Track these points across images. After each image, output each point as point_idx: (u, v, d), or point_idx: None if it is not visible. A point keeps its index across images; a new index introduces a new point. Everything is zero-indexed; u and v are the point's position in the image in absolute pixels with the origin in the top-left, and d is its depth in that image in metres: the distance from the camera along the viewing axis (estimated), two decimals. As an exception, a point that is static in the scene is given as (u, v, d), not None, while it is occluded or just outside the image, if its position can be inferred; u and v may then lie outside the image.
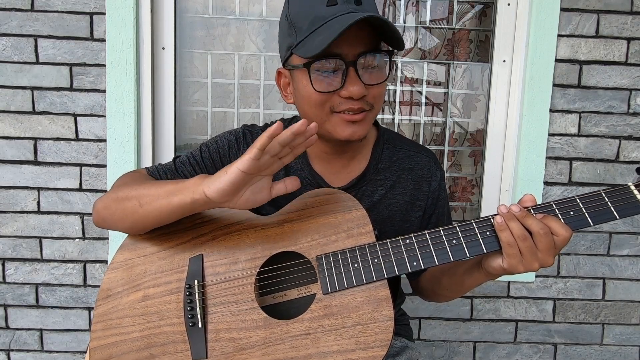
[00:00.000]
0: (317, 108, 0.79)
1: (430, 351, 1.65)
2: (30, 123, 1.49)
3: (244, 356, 0.76)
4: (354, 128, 0.80)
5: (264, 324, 0.77)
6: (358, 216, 0.79)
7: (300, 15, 0.77)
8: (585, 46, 1.52)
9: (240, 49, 1.61)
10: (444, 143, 1.68)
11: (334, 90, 0.77)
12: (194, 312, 0.79)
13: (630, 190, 0.69)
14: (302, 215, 0.81)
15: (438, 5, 1.62)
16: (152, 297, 0.82)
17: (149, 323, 0.81)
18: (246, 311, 0.78)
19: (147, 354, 0.79)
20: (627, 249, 1.61)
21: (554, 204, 0.71)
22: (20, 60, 1.47)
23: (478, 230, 0.73)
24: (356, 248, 0.77)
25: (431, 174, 0.95)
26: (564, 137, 1.56)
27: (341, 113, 0.79)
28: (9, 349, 1.59)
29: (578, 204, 0.70)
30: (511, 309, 1.64)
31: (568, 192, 1.58)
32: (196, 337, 0.78)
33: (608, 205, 0.69)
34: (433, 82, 1.66)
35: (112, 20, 1.44)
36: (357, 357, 0.72)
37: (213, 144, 0.92)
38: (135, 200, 0.79)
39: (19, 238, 1.54)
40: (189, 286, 0.80)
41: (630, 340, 1.67)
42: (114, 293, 0.84)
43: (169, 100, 1.57)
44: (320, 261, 0.77)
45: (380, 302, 0.74)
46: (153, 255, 0.85)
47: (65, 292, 1.57)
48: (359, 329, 0.73)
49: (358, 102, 0.77)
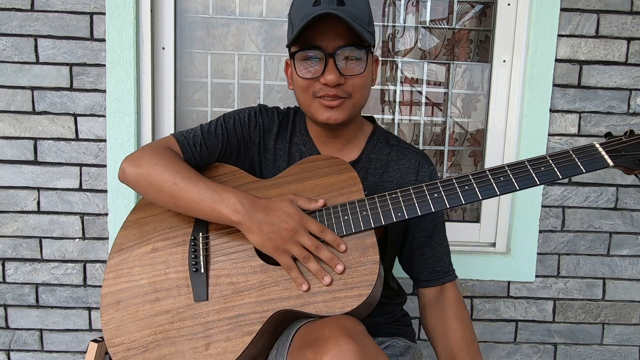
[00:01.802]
0: (303, 92, 0.91)
1: (430, 351, 1.65)
2: (30, 123, 1.49)
3: (241, 297, 0.84)
4: (330, 112, 0.90)
5: (261, 269, 0.85)
6: (349, 177, 0.88)
7: (294, 13, 0.90)
8: (585, 46, 1.52)
9: (240, 49, 1.61)
10: (444, 143, 1.68)
11: (315, 78, 0.88)
12: (197, 260, 0.88)
13: (596, 148, 0.77)
14: (299, 178, 0.91)
15: (438, 5, 1.62)
16: (160, 249, 0.91)
17: (156, 271, 0.89)
18: (245, 259, 0.87)
19: (153, 297, 0.88)
20: (627, 249, 1.61)
21: (526, 162, 0.79)
22: (20, 60, 1.47)
23: (457, 185, 0.80)
24: (347, 203, 0.85)
25: (418, 166, 1.01)
26: (564, 137, 1.56)
27: (321, 98, 0.89)
28: (9, 349, 1.59)
29: (548, 160, 0.78)
30: (511, 309, 1.64)
31: (568, 193, 1.58)
32: (198, 282, 0.86)
33: (575, 161, 0.77)
34: (433, 82, 1.66)
35: (112, 20, 1.44)
36: (344, 295, 0.79)
37: (235, 115, 1.02)
38: (169, 195, 0.86)
39: (19, 238, 1.54)
40: (193, 237, 0.89)
41: (630, 340, 1.67)
42: (125, 247, 0.93)
43: (169, 100, 1.57)
44: (314, 214, 0.85)
45: (367, 248, 0.82)
46: (163, 214, 0.94)
47: (65, 292, 1.57)
48: (347, 271, 0.81)
49: (334, 89, 0.88)
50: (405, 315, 1.08)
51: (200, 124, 1.02)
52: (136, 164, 0.89)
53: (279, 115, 1.04)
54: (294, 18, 0.90)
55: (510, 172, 0.79)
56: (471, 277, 1.61)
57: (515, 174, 0.78)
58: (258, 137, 1.02)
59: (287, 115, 1.05)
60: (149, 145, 0.94)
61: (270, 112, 1.04)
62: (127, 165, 0.90)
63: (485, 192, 0.79)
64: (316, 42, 0.87)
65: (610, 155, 0.76)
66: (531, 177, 0.77)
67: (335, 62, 0.86)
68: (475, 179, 0.80)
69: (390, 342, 0.99)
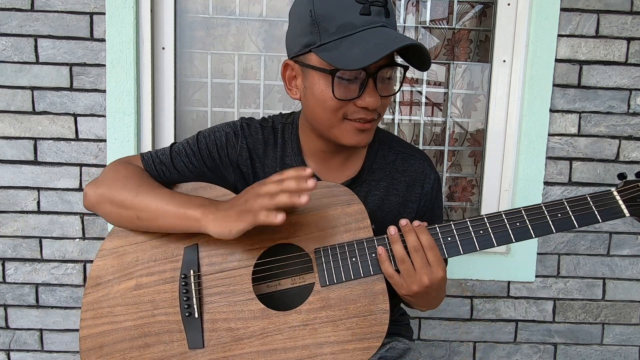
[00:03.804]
0: (331, 113, 0.79)
1: (430, 351, 1.65)
2: (30, 123, 1.49)
3: (242, 346, 0.77)
4: (362, 136, 0.81)
5: (262, 314, 0.78)
6: (356, 210, 0.80)
7: (328, 16, 0.74)
8: (585, 46, 1.52)
9: (240, 49, 1.61)
10: (444, 143, 1.68)
11: (352, 99, 0.77)
12: (189, 302, 0.79)
13: (613, 196, 0.76)
14: (300, 208, 0.80)
15: (438, 5, 1.62)
16: (145, 286, 0.81)
17: (143, 312, 0.80)
18: (243, 302, 0.79)
19: (142, 342, 0.79)
20: (627, 249, 1.61)
21: (543, 206, 0.76)
22: (20, 60, 1.47)
23: (472, 229, 0.77)
24: (354, 242, 0.78)
25: (424, 177, 0.95)
26: (564, 137, 1.56)
27: (353, 121, 0.79)
28: (9, 349, 1.59)
29: (565, 206, 0.76)
30: (511, 309, 1.64)
31: (568, 192, 1.58)
32: (192, 327, 0.78)
33: (592, 210, 0.76)
34: (433, 82, 1.66)
35: (112, 20, 1.44)
36: (353, 347, 0.74)
37: (211, 135, 0.91)
38: (132, 211, 0.80)
39: (19, 238, 1.54)
40: (184, 276, 0.80)
41: (630, 340, 1.67)
42: (104, 281, 0.83)
43: (169, 100, 1.57)
44: (319, 254, 0.78)
45: (377, 295, 0.76)
46: (145, 243, 0.83)
47: (65, 292, 1.57)
48: (355, 320, 0.75)
49: (371, 112, 0.79)
50: (403, 315, 1.08)
51: (171, 143, 0.94)
52: (96, 185, 0.84)
53: (264, 132, 0.92)
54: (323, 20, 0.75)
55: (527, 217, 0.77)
56: (471, 277, 1.61)
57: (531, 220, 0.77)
58: (242, 158, 0.90)
59: (273, 130, 0.92)
60: (110, 164, 0.88)
61: (253, 129, 0.92)
62: (88, 189, 0.84)
63: (500, 238, 0.77)
64: None
65: (627, 205, 0.75)
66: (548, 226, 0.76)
67: (376, 84, 0.77)
68: (490, 222, 0.77)
69: (390, 344, 0.98)
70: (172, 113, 1.58)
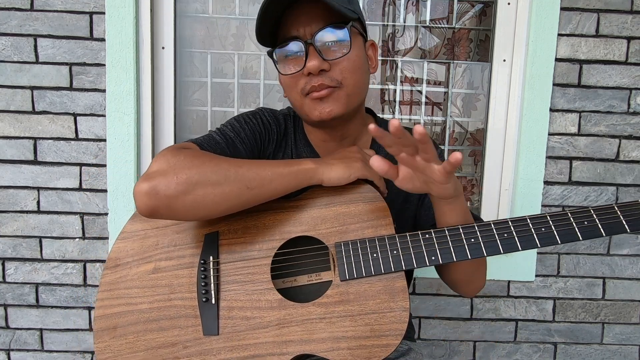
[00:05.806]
0: (292, 92, 0.83)
1: (430, 350, 1.65)
2: (30, 123, 1.49)
3: (257, 335, 0.76)
4: (322, 105, 0.81)
5: (279, 305, 0.77)
6: (379, 208, 0.79)
7: None
8: (586, 45, 1.52)
9: (240, 49, 1.61)
10: (444, 143, 1.68)
11: (298, 71, 0.80)
12: (207, 288, 0.79)
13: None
14: (322, 202, 0.81)
15: (438, 4, 1.62)
16: (164, 270, 0.81)
17: (159, 296, 0.80)
18: (261, 291, 0.79)
19: (156, 326, 0.79)
20: (627, 248, 1.61)
21: (569, 213, 0.74)
22: (20, 60, 1.47)
23: (496, 232, 0.75)
24: (376, 238, 0.78)
25: None
26: (564, 137, 1.56)
27: (310, 94, 0.81)
28: (9, 348, 1.59)
29: (592, 214, 0.74)
30: (511, 308, 1.64)
31: (568, 192, 1.58)
32: (208, 313, 0.78)
33: (620, 219, 0.73)
34: (433, 82, 1.66)
35: (112, 20, 1.44)
36: (371, 344, 0.73)
37: (252, 119, 0.90)
38: (240, 183, 0.74)
39: (19, 238, 1.54)
40: (203, 262, 0.80)
41: (630, 339, 1.67)
42: (122, 263, 0.83)
43: (168, 100, 1.57)
44: (339, 248, 0.78)
45: (397, 292, 0.75)
46: (167, 228, 0.83)
47: (65, 291, 1.57)
48: (374, 317, 0.74)
49: (319, 78, 0.79)
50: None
51: (209, 130, 0.91)
52: (168, 175, 0.71)
53: (286, 122, 0.94)
54: None
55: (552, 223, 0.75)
56: (471, 276, 1.61)
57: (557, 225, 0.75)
58: (271, 146, 0.91)
59: (285, 121, 0.95)
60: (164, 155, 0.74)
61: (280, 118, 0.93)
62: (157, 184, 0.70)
63: (525, 243, 0.75)
64: (292, 34, 0.79)
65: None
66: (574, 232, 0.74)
67: (317, 49, 0.78)
68: (515, 226, 0.75)
69: None
70: (172, 112, 1.58)
